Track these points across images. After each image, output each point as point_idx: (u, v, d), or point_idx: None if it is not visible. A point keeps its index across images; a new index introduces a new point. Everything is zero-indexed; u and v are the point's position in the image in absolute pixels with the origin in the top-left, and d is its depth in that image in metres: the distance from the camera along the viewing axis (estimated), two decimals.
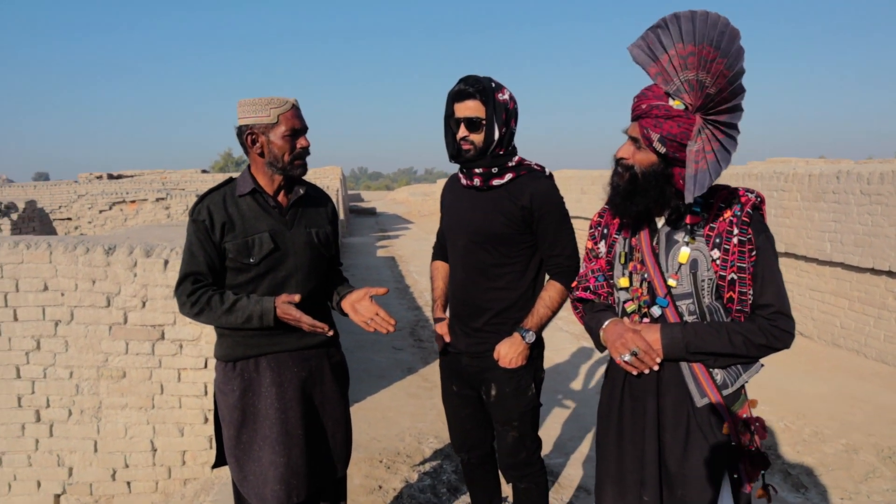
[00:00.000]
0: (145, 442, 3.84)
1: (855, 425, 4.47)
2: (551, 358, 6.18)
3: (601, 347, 2.03)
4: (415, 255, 14.94)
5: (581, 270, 2.15)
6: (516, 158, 2.33)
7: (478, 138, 2.25)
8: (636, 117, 1.79)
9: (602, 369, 5.84)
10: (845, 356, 6.10)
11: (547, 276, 2.42)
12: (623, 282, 1.97)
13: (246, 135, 2.15)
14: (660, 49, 1.74)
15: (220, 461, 2.36)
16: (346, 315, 2.31)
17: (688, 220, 1.87)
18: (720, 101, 1.67)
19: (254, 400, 2.19)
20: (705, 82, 1.67)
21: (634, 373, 1.88)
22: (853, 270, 5.96)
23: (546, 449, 4.15)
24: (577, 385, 5.44)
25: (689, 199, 1.70)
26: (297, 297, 2.09)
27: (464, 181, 2.38)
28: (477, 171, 2.30)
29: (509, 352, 2.31)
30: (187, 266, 2.17)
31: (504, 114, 2.26)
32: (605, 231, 2.08)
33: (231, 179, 2.28)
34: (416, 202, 28.95)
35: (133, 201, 12.59)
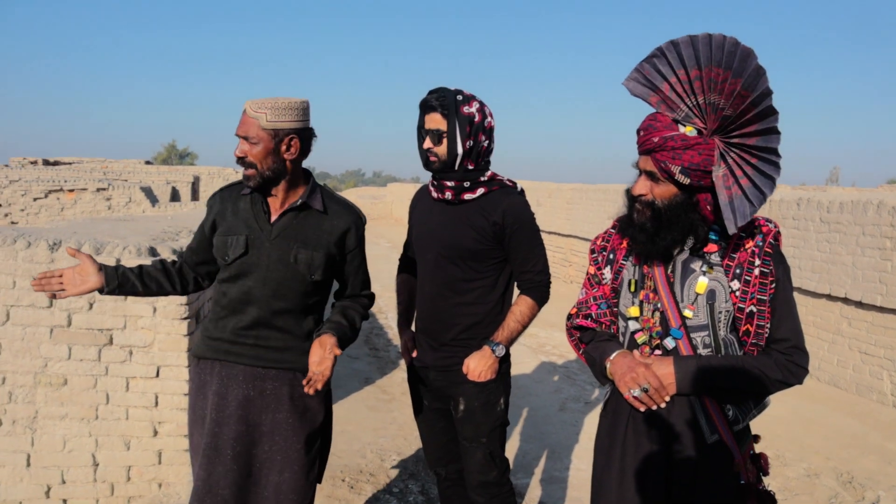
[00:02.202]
0: (86, 456, 3.53)
1: (814, 449, 4.53)
2: (511, 373, 6.09)
3: (604, 380, 1.93)
4: None
5: (581, 297, 2.05)
6: (488, 173, 2.32)
7: (441, 150, 2.25)
8: (647, 151, 1.70)
9: (558, 382, 5.78)
10: None
11: (517, 291, 2.41)
12: (633, 311, 1.88)
13: None
14: (658, 78, 1.68)
15: None
16: None
17: (706, 248, 1.79)
18: (743, 123, 1.60)
19: (202, 403, 2.11)
20: (718, 104, 1.60)
21: (642, 409, 1.78)
22: (809, 296, 6.08)
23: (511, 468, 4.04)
24: (538, 402, 5.35)
25: (731, 229, 1.63)
26: None
27: (435, 194, 2.35)
28: (448, 184, 2.29)
29: (479, 365, 2.27)
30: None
31: (469, 127, 2.24)
32: (612, 256, 1.98)
33: None
34: (364, 205, 28.68)
35: (72, 190, 11.93)
